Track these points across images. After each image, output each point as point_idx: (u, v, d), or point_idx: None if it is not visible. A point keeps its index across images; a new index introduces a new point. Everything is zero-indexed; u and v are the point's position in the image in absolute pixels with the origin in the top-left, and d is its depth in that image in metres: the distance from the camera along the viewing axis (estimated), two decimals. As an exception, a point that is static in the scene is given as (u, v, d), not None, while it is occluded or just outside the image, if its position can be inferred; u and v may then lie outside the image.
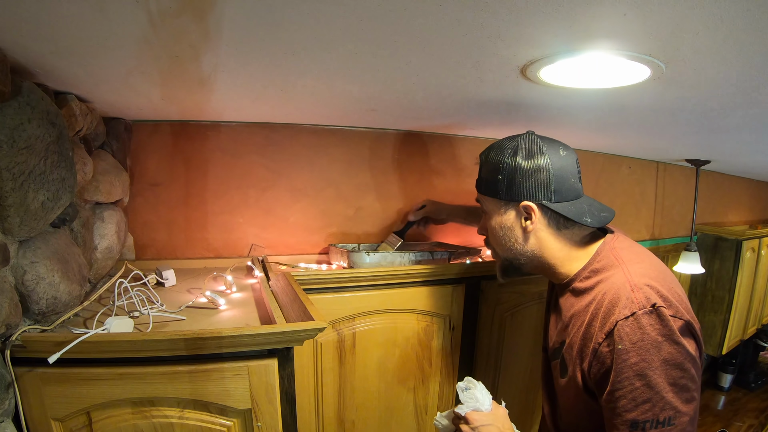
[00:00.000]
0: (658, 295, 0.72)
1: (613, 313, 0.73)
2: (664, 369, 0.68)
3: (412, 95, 0.98)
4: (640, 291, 0.73)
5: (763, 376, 3.11)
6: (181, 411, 0.76)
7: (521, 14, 0.51)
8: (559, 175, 0.86)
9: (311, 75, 0.81)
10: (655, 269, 0.79)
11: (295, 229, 1.50)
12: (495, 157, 0.90)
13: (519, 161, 0.87)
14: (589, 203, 0.89)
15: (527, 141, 0.88)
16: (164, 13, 0.51)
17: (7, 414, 0.67)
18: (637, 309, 0.71)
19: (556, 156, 0.86)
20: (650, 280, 0.74)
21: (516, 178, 0.87)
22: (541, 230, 0.88)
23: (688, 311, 0.73)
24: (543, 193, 0.86)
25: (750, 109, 0.98)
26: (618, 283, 0.76)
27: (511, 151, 0.88)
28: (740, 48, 0.59)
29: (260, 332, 0.75)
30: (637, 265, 0.79)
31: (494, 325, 1.41)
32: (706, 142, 1.59)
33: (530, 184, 0.86)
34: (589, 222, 0.85)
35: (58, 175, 0.77)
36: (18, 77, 0.68)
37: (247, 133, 1.41)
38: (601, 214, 0.88)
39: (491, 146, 0.94)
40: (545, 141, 0.87)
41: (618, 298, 0.74)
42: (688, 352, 0.69)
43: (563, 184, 0.86)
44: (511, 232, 0.90)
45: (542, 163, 0.85)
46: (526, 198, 0.87)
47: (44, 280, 0.75)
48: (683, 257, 2.23)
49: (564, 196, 0.87)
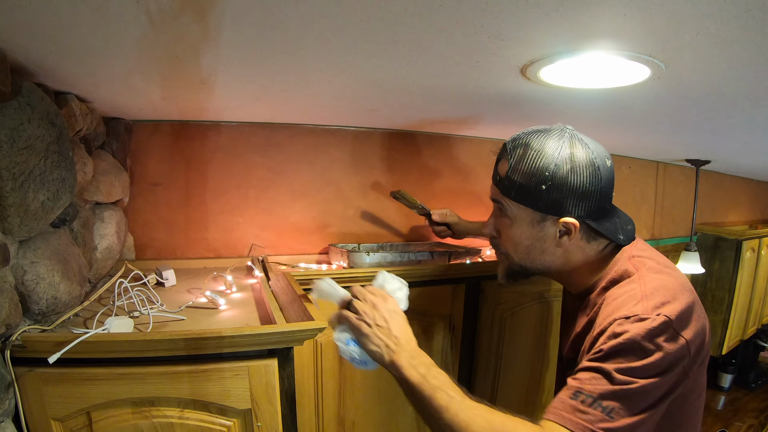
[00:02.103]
0: (669, 309, 0.67)
1: (615, 314, 0.71)
2: (626, 370, 0.65)
3: (412, 95, 0.98)
4: (649, 301, 0.69)
5: (763, 376, 3.11)
6: (181, 411, 0.76)
7: (521, 14, 0.51)
8: (606, 191, 0.79)
9: (311, 75, 0.81)
10: (674, 280, 0.74)
11: (295, 229, 1.50)
12: (538, 160, 0.78)
13: (570, 171, 0.76)
14: (618, 215, 0.84)
15: (577, 143, 0.78)
16: (164, 13, 0.51)
17: (7, 414, 0.67)
18: (640, 312, 0.68)
19: (605, 168, 0.78)
20: (664, 297, 0.69)
21: (564, 191, 0.77)
22: (573, 243, 0.81)
23: (696, 335, 0.68)
24: (588, 211, 0.78)
25: (750, 109, 0.98)
26: (631, 292, 0.73)
27: (562, 159, 0.76)
28: (740, 48, 0.59)
29: (260, 332, 0.75)
30: (655, 276, 0.75)
31: (494, 325, 1.41)
32: (706, 142, 1.59)
33: (577, 200, 0.77)
34: (622, 240, 0.81)
35: (58, 175, 0.77)
36: (18, 77, 0.68)
37: (247, 133, 1.41)
38: (627, 227, 0.84)
39: (527, 144, 0.80)
40: (593, 148, 0.78)
41: (625, 304, 0.71)
42: (655, 372, 0.65)
43: (607, 200, 0.80)
44: (540, 244, 0.83)
45: (593, 176, 0.76)
46: (570, 214, 0.78)
47: (44, 280, 0.75)
48: (683, 257, 2.23)
49: (605, 211, 0.80)
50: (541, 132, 0.80)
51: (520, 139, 0.82)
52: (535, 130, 0.81)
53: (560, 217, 0.79)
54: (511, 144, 0.83)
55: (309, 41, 0.63)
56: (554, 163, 0.76)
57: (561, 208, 0.78)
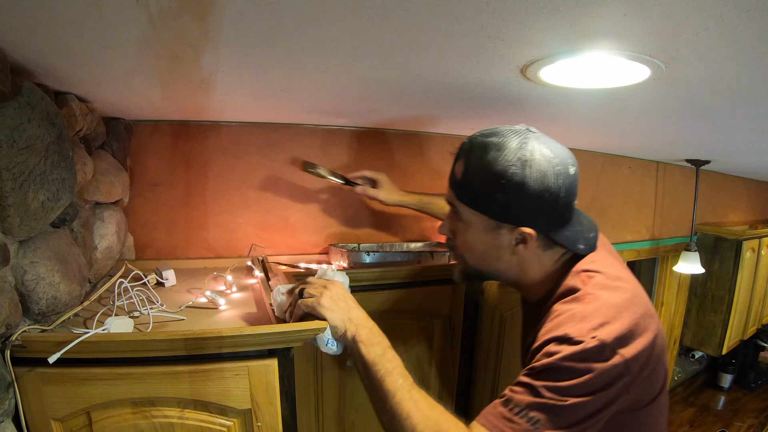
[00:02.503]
0: (606, 331, 0.65)
1: (552, 333, 0.69)
2: (555, 389, 0.64)
3: (413, 95, 0.98)
4: (587, 322, 0.67)
5: (763, 376, 3.11)
6: (181, 411, 0.76)
7: (521, 14, 0.51)
8: (566, 200, 0.74)
9: (311, 75, 0.81)
10: (619, 296, 0.71)
11: (295, 229, 1.50)
12: (494, 165, 0.73)
13: (527, 179, 0.71)
14: (580, 222, 0.80)
15: (539, 152, 0.72)
16: (164, 13, 0.51)
17: (7, 414, 0.67)
18: (575, 335, 0.66)
19: (567, 175, 0.73)
20: (604, 318, 0.67)
21: (520, 199, 0.72)
22: (529, 251, 0.78)
23: (640, 351, 0.66)
24: (546, 220, 0.75)
25: (750, 109, 0.98)
26: (571, 311, 0.70)
27: (518, 164, 0.71)
28: (740, 48, 0.59)
29: (260, 332, 0.75)
30: (601, 293, 0.71)
31: (494, 325, 1.41)
32: (706, 142, 1.59)
33: (535, 209, 0.73)
34: (582, 249, 0.77)
35: (58, 175, 0.77)
36: (18, 77, 0.68)
37: (247, 133, 1.41)
38: (589, 235, 0.80)
39: (483, 147, 0.76)
40: (556, 153, 0.74)
41: (563, 324, 0.69)
42: (586, 392, 0.64)
43: (567, 209, 0.76)
44: (495, 251, 0.79)
45: (554, 185, 0.72)
46: (526, 224, 0.75)
47: (44, 280, 0.75)
48: (683, 257, 2.23)
49: (565, 220, 0.77)
50: (500, 134, 0.76)
51: (477, 140, 0.78)
52: (493, 132, 0.77)
53: (516, 225, 0.75)
54: (467, 145, 0.79)
55: (309, 41, 0.63)
56: (510, 170, 0.71)
57: (517, 217, 0.75)
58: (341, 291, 0.82)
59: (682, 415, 2.62)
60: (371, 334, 0.78)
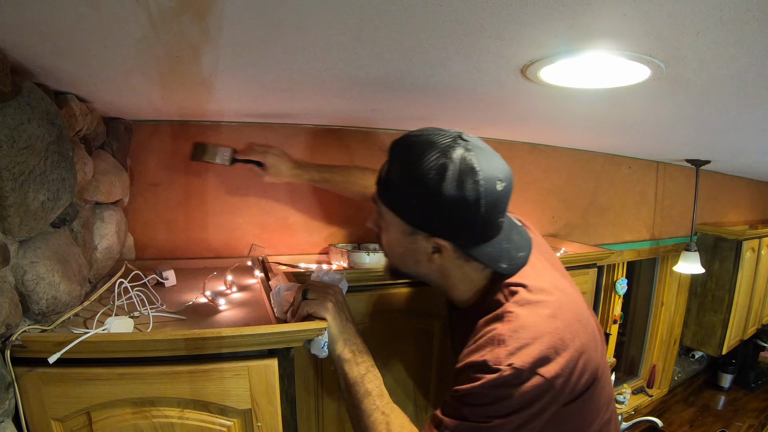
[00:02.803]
0: (523, 356, 0.65)
1: (472, 357, 0.69)
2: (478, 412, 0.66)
3: (412, 95, 0.98)
4: (504, 347, 0.67)
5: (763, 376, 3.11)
6: (181, 411, 0.76)
7: (521, 14, 0.51)
8: (488, 217, 0.70)
9: (311, 75, 0.81)
10: (539, 313, 0.70)
11: (295, 229, 1.50)
12: (412, 169, 0.70)
13: (444, 190, 0.67)
14: (509, 238, 0.77)
15: (461, 161, 0.68)
16: (164, 13, 0.51)
17: (7, 414, 0.67)
18: (492, 362, 0.66)
19: (492, 191, 0.69)
20: (522, 340, 0.66)
21: (435, 210, 0.70)
22: (447, 261, 0.76)
23: (564, 367, 0.66)
24: (463, 234, 0.72)
25: (750, 109, 0.98)
26: (491, 334, 0.70)
27: (435, 171, 0.68)
28: (740, 48, 0.59)
29: (260, 332, 0.75)
30: (521, 311, 0.70)
31: (494, 325, 1.41)
32: (706, 142, 1.59)
33: (451, 221, 0.70)
34: (504, 268, 0.75)
35: (58, 175, 0.77)
36: (18, 77, 0.68)
37: (247, 133, 1.41)
38: (518, 254, 0.77)
39: (407, 150, 0.73)
40: (483, 165, 0.69)
41: (483, 348, 0.69)
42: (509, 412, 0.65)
43: (489, 226, 0.73)
44: (413, 255, 0.78)
45: (472, 200, 0.68)
46: (441, 236, 0.73)
47: (44, 280, 0.75)
48: (683, 257, 2.23)
49: (486, 237, 0.74)
50: (428, 137, 0.72)
51: (404, 140, 0.75)
52: (422, 134, 0.74)
53: (431, 235, 0.73)
54: (395, 144, 0.76)
55: (309, 42, 0.63)
56: (427, 179, 0.68)
57: (431, 226, 0.72)
58: (342, 299, 0.83)
59: (682, 415, 2.62)
60: (357, 353, 0.80)
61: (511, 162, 0.75)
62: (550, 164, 1.96)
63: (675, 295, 2.70)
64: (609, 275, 2.30)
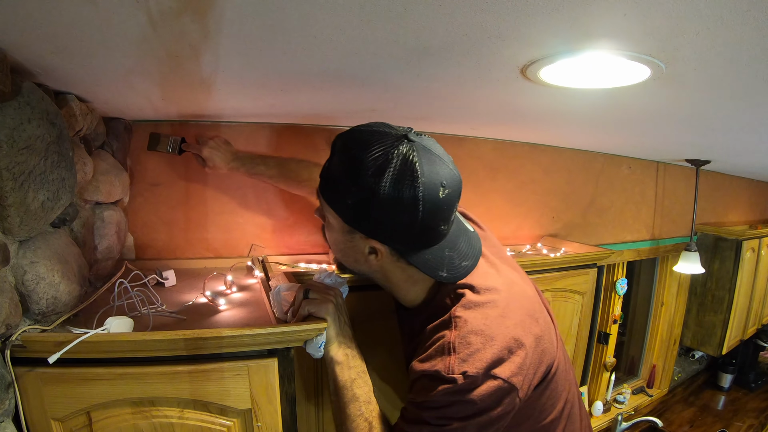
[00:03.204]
0: (475, 362, 0.65)
1: (423, 366, 0.69)
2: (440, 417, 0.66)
3: (412, 95, 0.98)
4: (455, 355, 0.66)
5: (763, 376, 3.11)
6: (181, 411, 0.76)
7: (521, 14, 0.51)
8: (426, 223, 0.67)
9: (311, 76, 0.81)
10: (487, 314, 0.69)
11: (295, 229, 1.50)
12: (351, 166, 0.67)
13: (381, 189, 0.64)
14: (453, 246, 0.74)
15: (402, 162, 0.64)
16: (164, 13, 0.51)
17: (7, 414, 0.67)
18: (445, 371, 0.66)
19: (432, 197, 0.66)
20: (473, 346, 0.66)
21: (370, 211, 0.67)
22: (387, 263, 0.74)
23: (521, 366, 0.66)
24: (400, 239, 0.69)
25: (750, 109, 0.98)
26: (440, 342, 0.69)
27: (373, 171, 0.64)
28: (740, 48, 0.59)
29: (260, 332, 0.75)
30: (469, 315, 0.69)
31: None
32: (706, 142, 1.59)
33: (386, 225, 0.68)
34: (445, 277, 0.72)
35: (58, 175, 0.77)
36: (18, 77, 0.68)
37: (247, 133, 1.41)
38: (462, 263, 0.74)
39: (346, 145, 0.70)
40: (426, 169, 0.65)
41: (433, 357, 0.69)
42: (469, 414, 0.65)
43: (429, 233, 0.70)
44: (353, 253, 0.75)
45: (410, 203, 0.65)
46: (376, 238, 0.70)
47: (44, 280, 0.75)
48: (683, 257, 2.23)
49: (426, 243, 0.71)
50: (370, 136, 0.68)
51: (346, 136, 0.72)
52: (365, 131, 0.70)
53: (366, 236, 0.71)
54: (337, 139, 0.74)
55: (309, 41, 0.63)
56: (364, 179, 0.65)
57: (367, 229, 0.70)
58: (341, 302, 0.83)
59: (682, 415, 2.62)
60: (350, 357, 0.80)
61: (511, 162, 0.74)
62: (550, 164, 1.96)
63: (675, 295, 2.70)
64: (609, 275, 2.30)
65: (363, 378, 0.79)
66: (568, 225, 2.08)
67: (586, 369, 2.30)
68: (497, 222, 1.86)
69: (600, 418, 2.35)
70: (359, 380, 0.78)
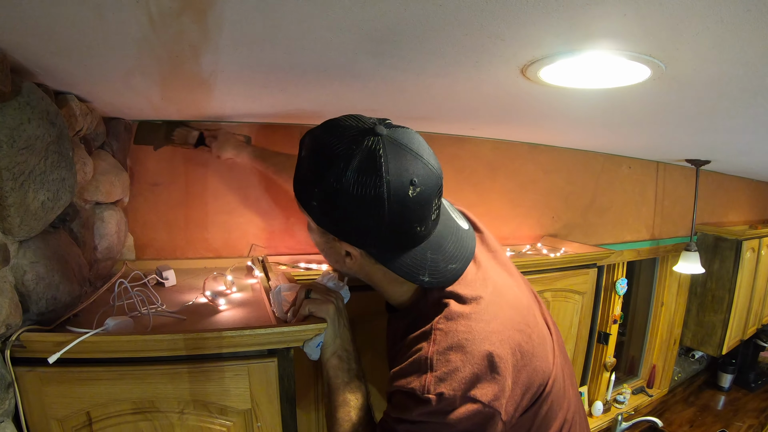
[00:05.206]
0: (453, 383, 0.60)
1: (399, 381, 0.65)
2: None
3: (412, 95, 0.98)
4: (431, 373, 0.61)
5: (763, 376, 3.11)
6: (181, 411, 0.76)
7: (521, 14, 0.51)
8: (395, 225, 0.61)
9: (311, 76, 0.81)
10: (471, 328, 0.63)
11: (295, 229, 1.50)
12: (312, 169, 0.62)
13: (342, 189, 0.58)
14: (438, 248, 0.67)
15: (366, 158, 0.58)
16: (164, 13, 0.51)
17: (7, 414, 0.67)
18: (419, 390, 0.61)
19: (400, 196, 0.59)
20: (451, 364, 0.60)
21: (334, 214, 0.62)
22: (366, 265, 0.70)
23: (503, 387, 0.60)
24: (370, 242, 0.64)
25: (750, 109, 0.98)
26: (417, 356, 0.64)
27: (335, 167, 0.58)
28: (740, 48, 0.59)
29: (260, 332, 0.75)
30: (451, 327, 0.64)
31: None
32: (706, 142, 1.59)
33: (352, 228, 0.62)
34: (427, 282, 0.66)
35: (58, 175, 0.77)
36: (18, 77, 0.68)
37: (246, 133, 1.41)
38: (448, 266, 0.67)
39: (311, 142, 0.66)
40: (392, 165, 0.58)
41: (408, 371, 0.64)
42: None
43: (401, 235, 0.63)
44: (333, 254, 0.71)
45: (373, 204, 0.59)
46: (346, 240, 0.65)
47: (44, 280, 0.75)
48: (683, 257, 2.23)
49: (401, 246, 0.64)
50: (334, 131, 0.63)
51: (312, 134, 0.67)
52: (331, 126, 0.65)
53: (339, 239, 0.66)
54: (304, 136, 0.69)
55: (308, 41, 0.63)
56: (324, 180, 0.60)
57: (334, 231, 0.65)
58: (342, 305, 0.83)
59: (682, 415, 2.62)
60: (346, 361, 0.79)
61: (511, 162, 0.73)
62: (550, 164, 1.96)
63: (675, 295, 2.70)
64: (609, 275, 2.30)
65: (356, 383, 0.77)
66: (568, 225, 2.08)
67: (586, 369, 2.30)
68: (497, 222, 1.86)
69: (600, 418, 2.35)
70: (352, 385, 0.77)
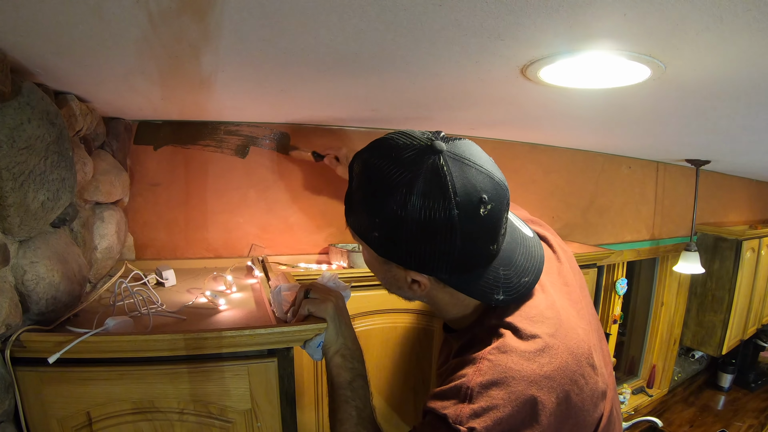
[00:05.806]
0: (487, 420, 0.55)
1: (434, 402, 0.61)
2: None
3: (412, 95, 0.98)
4: (468, 404, 0.57)
5: (763, 376, 3.11)
6: (181, 411, 0.76)
7: (521, 14, 0.51)
8: (468, 248, 0.57)
9: (311, 76, 0.81)
10: (520, 367, 0.58)
11: (295, 229, 1.50)
12: (371, 198, 0.59)
13: (407, 217, 0.55)
14: (509, 262, 0.63)
15: (428, 177, 0.54)
16: (164, 13, 0.51)
17: (7, 414, 0.67)
18: (453, 418, 0.57)
19: (472, 217, 0.56)
20: (490, 400, 0.56)
21: (400, 244, 0.58)
22: (432, 290, 0.65)
23: None
24: (441, 268, 0.60)
25: (750, 109, 0.98)
26: (459, 381, 0.60)
27: (397, 200, 0.55)
28: (740, 48, 0.59)
29: (260, 332, 0.75)
30: (499, 359, 0.59)
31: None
32: (706, 142, 1.59)
33: (421, 256, 0.58)
34: (501, 300, 0.63)
35: (58, 175, 0.77)
36: (18, 77, 0.68)
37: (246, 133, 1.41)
38: (521, 280, 0.64)
39: (366, 169, 0.60)
40: (459, 184, 0.55)
41: (447, 395, 0.60)
42: None
43: (473, 257, 0.60)
44: (394, 281, 0.67)
45: (444, 229, 0.55)
46: (414, 269, 0.61)
47: (44, 280, 0.75)
48: (683, 257, 2.23)
49: (474, 267, 0.61)
50: (389, 153, 0.58)
51: (363, 158, 0.62)
52: (382, 147, 0.60)
53: (405, 267, 0.62)
54: (354, 161, 0.64)
55: (308, 41, 0.63)
56: (385, 211, 0.56)
57: (401, 260, 0.61)
58: (342, 304, 0.83)
59: (682, 415, 2.62)
60: (348, 359, 0.78)
61: (511, 162, 0.72)
62: (550, 164, 1.96)
63: (675, 295, 2.70)
64: (609, 275, 2.30)
65: (359, 382, 0.77)
66: (568, 225, 2.08)
67: (586, 369, 2.30)
68: (497, 222, 1.86)
69: (600, 418, 2.35)
70: (355, 383, 0.76)
